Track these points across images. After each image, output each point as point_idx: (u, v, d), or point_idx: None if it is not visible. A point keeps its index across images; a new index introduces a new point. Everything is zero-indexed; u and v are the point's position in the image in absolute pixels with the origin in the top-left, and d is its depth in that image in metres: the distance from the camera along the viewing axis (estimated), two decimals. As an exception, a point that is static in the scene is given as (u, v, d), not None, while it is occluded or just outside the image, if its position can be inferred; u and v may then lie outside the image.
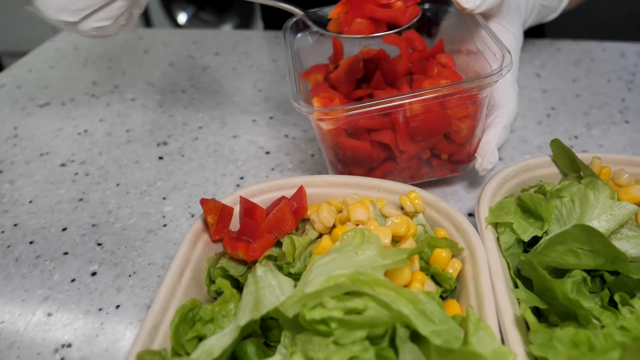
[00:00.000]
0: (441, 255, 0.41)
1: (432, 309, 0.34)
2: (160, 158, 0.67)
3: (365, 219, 0.42)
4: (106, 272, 0.51)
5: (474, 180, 0.60)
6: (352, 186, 0.48)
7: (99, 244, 0.54)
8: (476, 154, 0.52)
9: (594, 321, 0.35)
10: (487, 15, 0.53)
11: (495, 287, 0.38)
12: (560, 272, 0.40)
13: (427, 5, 0.61)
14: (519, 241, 0.43)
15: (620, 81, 0.77)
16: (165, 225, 0.57)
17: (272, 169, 0.64)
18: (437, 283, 0.41)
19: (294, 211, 0.45)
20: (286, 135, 0.70)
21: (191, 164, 0.66)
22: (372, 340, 0.33)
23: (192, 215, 0.58)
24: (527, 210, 0.44)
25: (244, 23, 2.18)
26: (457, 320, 0.35)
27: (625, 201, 0.40)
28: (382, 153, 0.51)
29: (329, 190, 0.49)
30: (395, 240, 0.42)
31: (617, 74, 0.79)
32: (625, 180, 0.43)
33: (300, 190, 0.47)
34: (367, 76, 0.57)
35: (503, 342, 0.35)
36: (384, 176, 0.54)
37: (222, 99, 0.79)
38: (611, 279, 0.38)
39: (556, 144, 0.48)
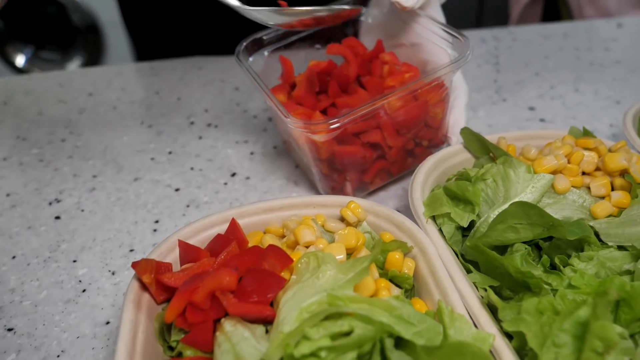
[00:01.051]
0: (395, 257, 0.41)
1: (407, 312, 0.35)
2: (57, 218, 0.60)
3: (314, 239, 0.42)
4: (27, 359, 0.45)
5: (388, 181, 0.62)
6: (287, 208, 0.47)
7: (10, 329, 0.47)
8: (449, 135, 0.57)
9: (545, 287, 0.38)
10: (421, 9, 0.58)
11: (453, 276, 0.40)
12: (499, 250, 0.43)
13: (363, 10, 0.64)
14: (457, 228, 0.45)
15: (488, 64, 0.85)
16: (84, 291, 0.51)
17: (188, 206, 0.61)
18: (396, 285, 0.41)
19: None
20: (192, 168, 0.67)
21: (95, 217, 0.60)
22: (361, 358, 0.33)
23: (113, 273, 0.53)
24: (455, 198, 0.47)
25: (93, 58, 2.04)
26: (430, 317, 0.36)
27: (542, 172, 0.44)
28: (373, 153, 0.55)
29: (264, 217, 0.47)
30: (348, 253, 0.42)
31: (484, 59, 0.87)
32: (534, 154, 0.47)
33: (233, 224, 0.45)
34: (322, 88, 0.59)
35: (475, 326, 0.36)
36: (376, 175, 0.57)
37: (110, 141, 0.73)
38: (546, 245, 0.42)
39: (466, 132, 0.52)
